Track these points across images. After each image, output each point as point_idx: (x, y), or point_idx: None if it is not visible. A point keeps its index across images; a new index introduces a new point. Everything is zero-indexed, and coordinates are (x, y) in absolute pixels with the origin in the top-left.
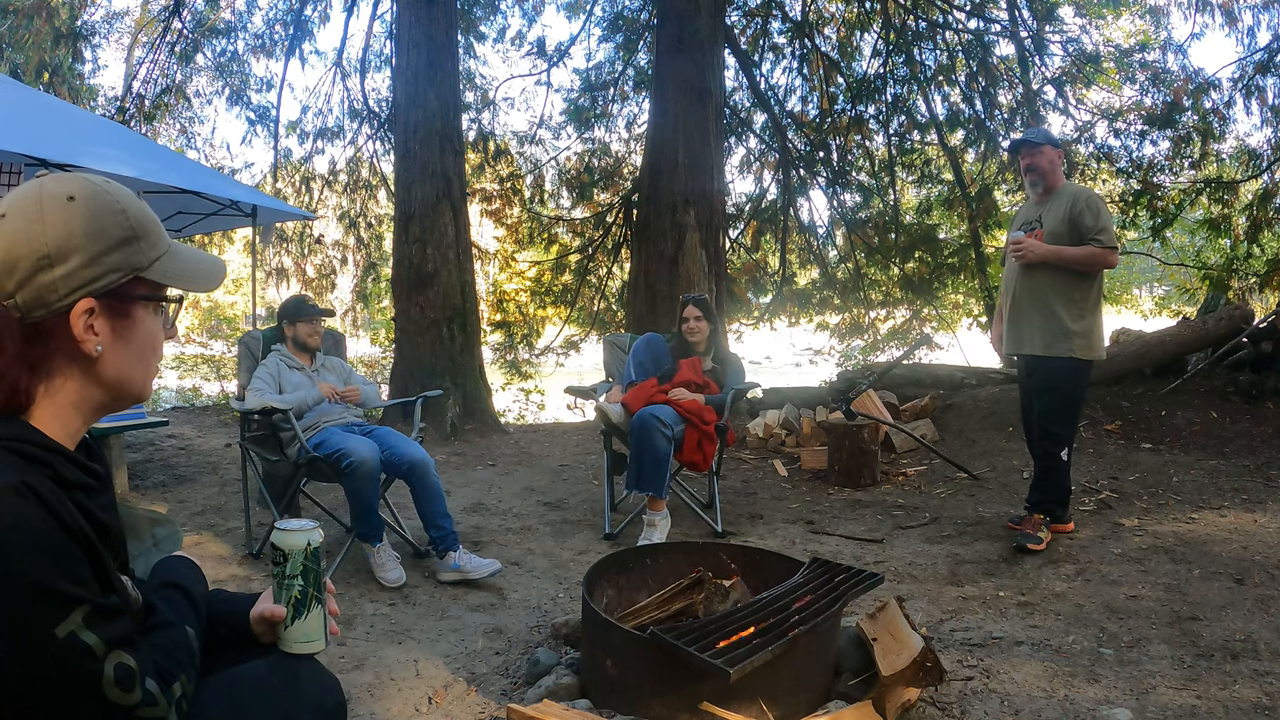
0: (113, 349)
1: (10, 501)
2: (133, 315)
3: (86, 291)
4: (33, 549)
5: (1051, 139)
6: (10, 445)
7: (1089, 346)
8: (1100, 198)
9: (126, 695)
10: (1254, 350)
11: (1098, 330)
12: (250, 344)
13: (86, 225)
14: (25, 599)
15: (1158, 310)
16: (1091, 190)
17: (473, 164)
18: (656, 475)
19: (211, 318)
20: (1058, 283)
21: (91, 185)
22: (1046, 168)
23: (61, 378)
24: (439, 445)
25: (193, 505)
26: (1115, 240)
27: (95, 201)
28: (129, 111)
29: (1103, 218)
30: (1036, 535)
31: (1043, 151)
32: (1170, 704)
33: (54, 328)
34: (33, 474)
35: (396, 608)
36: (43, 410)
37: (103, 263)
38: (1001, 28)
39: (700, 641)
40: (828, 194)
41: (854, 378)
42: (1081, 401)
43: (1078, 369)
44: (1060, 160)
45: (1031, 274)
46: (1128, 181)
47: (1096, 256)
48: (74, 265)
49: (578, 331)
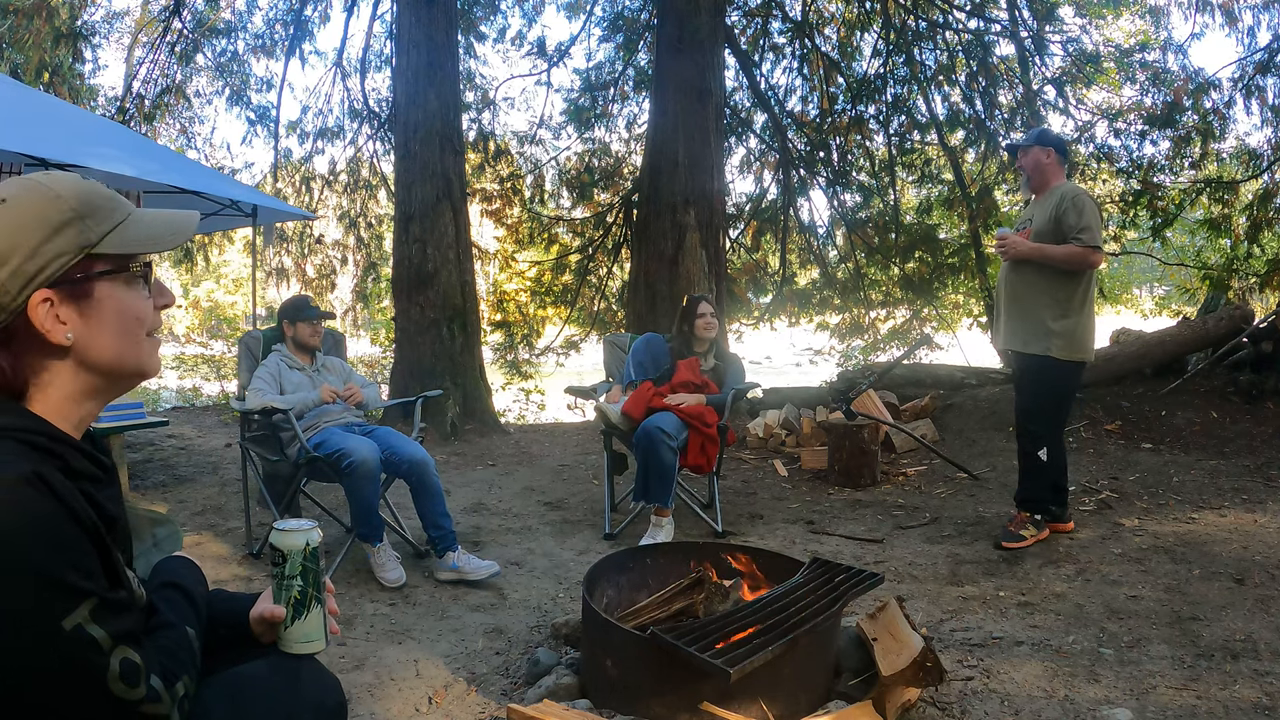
0: (86, 332)
1: (22, 492)
2: (94, 294)
3: (37, 284)
4: (43, 540)
5: (1043, 139)
6: (20, 436)
7: (1069, 347)
8: (1088, 197)
9: (131, 690)
10: (1254, 350)
11: (1083, 331)
12: (250, 344)
13: (22, 221)
14: (34, 589)
15: (1158, 310)
16: (1081, 190)
17: (473, 164)
18: (663, 487)
19: (212, 318)
20: (1042, 281)
21: (24, 182)
22: (1030, 168)
23: (47, 372)
24: (439, 445)
25: (193, 505)
26: (1097, 240)
27: (29, 197)
28: (129, 111)
29: (1085, 216)
30: (1017, 534)
31: (1029, 152)
32: (1170, 704)
33: (19, 328)
34: (44, 465)
35: (396, 608)
36: (39, 405)
37: (44, 252)
38: (1001, 28)
39: (700, 641)
40: (828, 194)
41: (854, 378)
42: (1065, 401)
43: (1058, 369)
44: (1049, 158)
45: (1018, 271)
46: (1128, 181)
47: (1077, 255)
48: (16, 263)
49: (578, 331)
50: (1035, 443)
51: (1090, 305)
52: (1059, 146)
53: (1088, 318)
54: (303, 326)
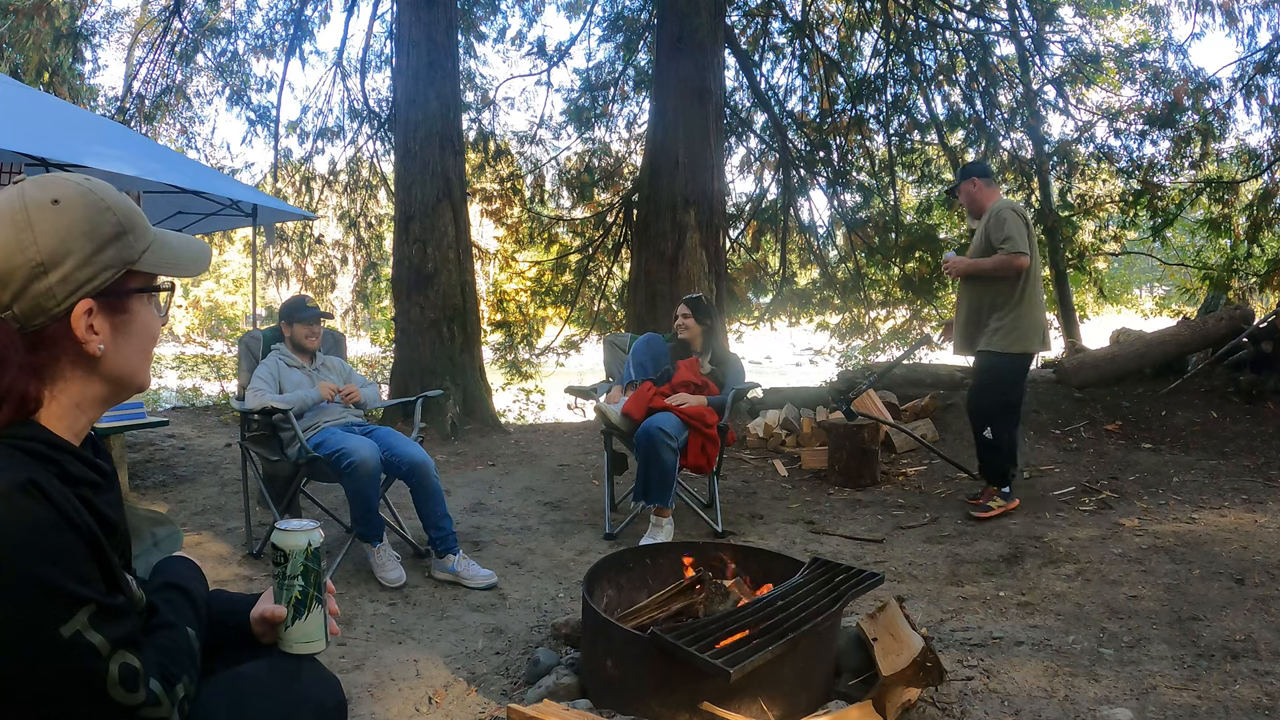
0: (114, 345)
1: (17, 500)
2: (130, 309)
3: (84, 293)
4: (39, 547)
5: (966, 172)
6: (16, 443)
7: (1009, 341)
8: (1010, 210)
9: (131, 695)
10: (1254, 350)
11: (1025, 325)
12: (250, 344)
13: (75, 227)
14: (31, 597)
15: (1158, 310)
16: (1005, 204)
17: (473, 164)
18: (664, 487)
19: (212, 318)
20: (982, 289)
21: (74, 186)
22: (965, 200)
23: (64, 380)
24: (439, 445)
25: (193, 505)
26: (1018, 246)
27: (81, 202)
28: (129, 111)
29: (1005, 228)
30: (985, 504)
31: (961, 188)
32: (1170, 704)
33: (56, 333)
34: (40, 472)
35: (396, 608)
36: (49, 411)
37: (96, 262)
38: (1001, 28)
39: (700, 641)
40: (828, 194)
41: (854, 378)
42: (1011, 389)
43: (1000, 360)
44: (975, 186)
45: (965, 285)
46: (1128, 181)
47: (1002, 263)
48: (69, 269)
49: (578, 331)
50: (979, 421)
51: (1029, 303)
52: (981, 173)
53: (1027, 314)
54: (299, 328)
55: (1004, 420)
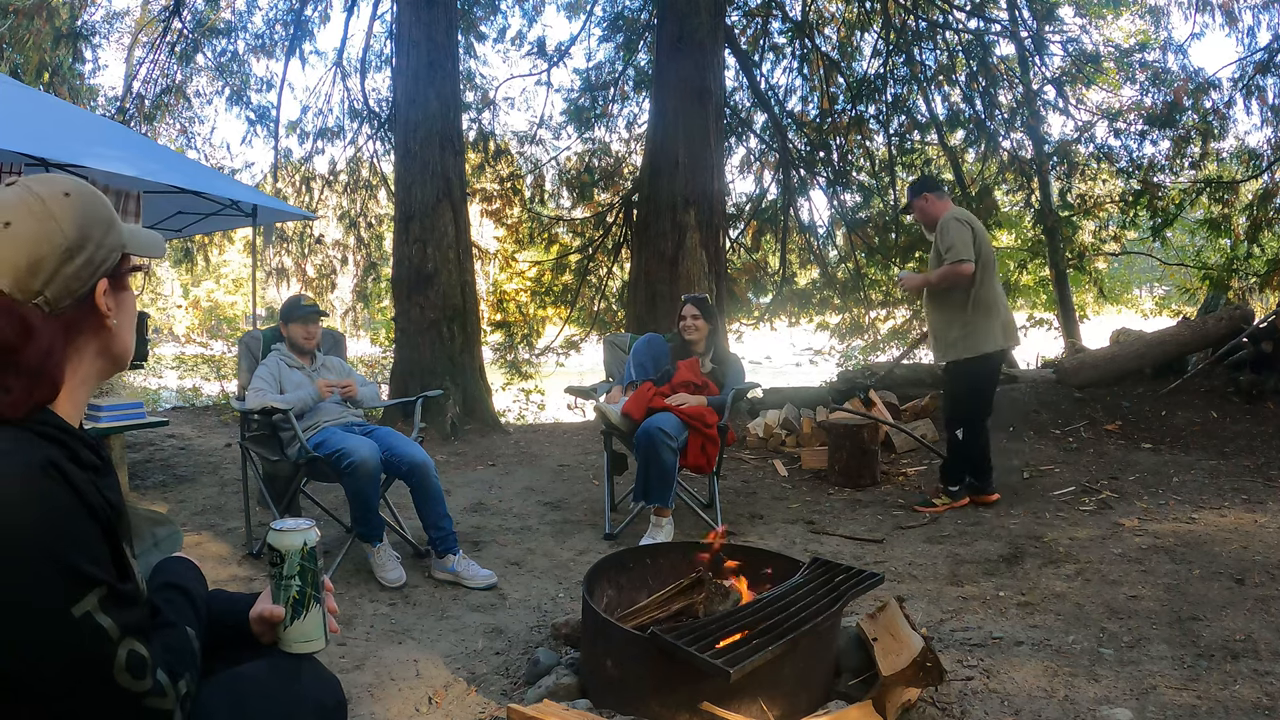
0: (119, 321)
1: (38, 480)
2: (126, 287)
3: (102, 273)
4: (57, 527)
5: (914, 189)
6: (30, 427)
7: (968, 348)
8: (955, 220)
9: (137, 682)
10: (1254, 350)
11: (982, 330)
12: (250, 344)
13: (90, 215)
14: (46, 575)
15: (1158, 310)
16: (951, 215)
17: (473, 164)
18: (664, 487)
19: (211, 318)
20: (938, 301)
21: (74, 181)
22: (919, 215)
23: (76, 360)
24: (439, 445)
25: (193, 505)
26: (961, 254)
27: (86, 193)
28: (129, 111)
29: (948, 237)
30: (930, 500)
31: (913, 204)
32: (1170, 704)
33: (77, 317)
34: (57, 454)
35: (396, 608)
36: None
37: (106, 245)
38: (1001, 28)
39: (700, 641)
40: (828, 194)
41: (854, 378)
42: (978, 393)
43: (965, 367)
44: (927, 200)
45: (927, 298)
46: (1128, 181)
47: (948, 273)
48: (90, 252)
49: (578, 331)
50: (953, 425)
51: (984, 306)
52: (930, 186)
53: (983, 318)
54: (295, 327)
55: (976, 422)
